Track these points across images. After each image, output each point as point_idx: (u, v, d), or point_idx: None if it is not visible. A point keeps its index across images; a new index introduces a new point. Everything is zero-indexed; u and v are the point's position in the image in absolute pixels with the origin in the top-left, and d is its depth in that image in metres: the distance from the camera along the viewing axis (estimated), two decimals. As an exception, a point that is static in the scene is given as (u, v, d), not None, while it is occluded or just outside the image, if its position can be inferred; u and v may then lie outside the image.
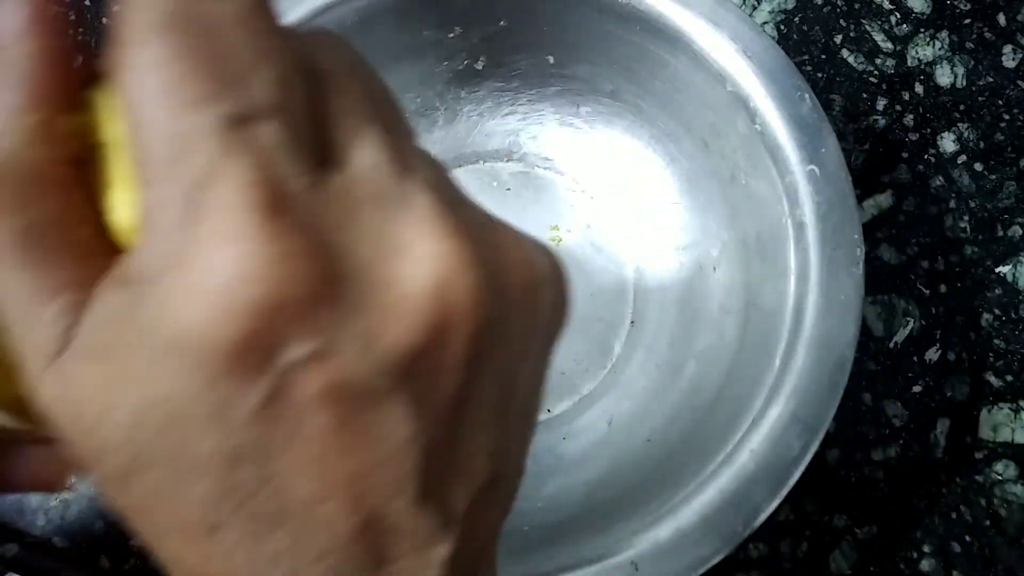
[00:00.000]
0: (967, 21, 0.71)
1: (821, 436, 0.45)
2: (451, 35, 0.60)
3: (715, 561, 0.43)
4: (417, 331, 0.19)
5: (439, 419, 0.20)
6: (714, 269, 0.58)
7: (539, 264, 0.23)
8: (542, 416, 0.59)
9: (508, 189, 0.65)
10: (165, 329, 0.18)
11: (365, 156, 0.20)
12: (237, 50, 0.18)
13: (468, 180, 0.65)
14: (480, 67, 0.62)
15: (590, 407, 0.59)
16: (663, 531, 0.44)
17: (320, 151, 0.20)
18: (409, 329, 0.19)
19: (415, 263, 0.19)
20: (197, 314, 0.17)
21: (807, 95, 0.52)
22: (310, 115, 0.20)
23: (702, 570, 0.43)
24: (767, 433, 0.45)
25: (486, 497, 0.23)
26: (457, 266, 0.19)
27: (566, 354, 0.60)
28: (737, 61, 0.53)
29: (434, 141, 0.65)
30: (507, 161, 0.66)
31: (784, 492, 0.44)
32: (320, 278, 0.18)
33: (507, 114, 0.65)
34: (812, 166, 0.50)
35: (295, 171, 0.18)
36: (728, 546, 0.43)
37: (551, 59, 0.61)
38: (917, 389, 0.61)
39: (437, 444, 0.20)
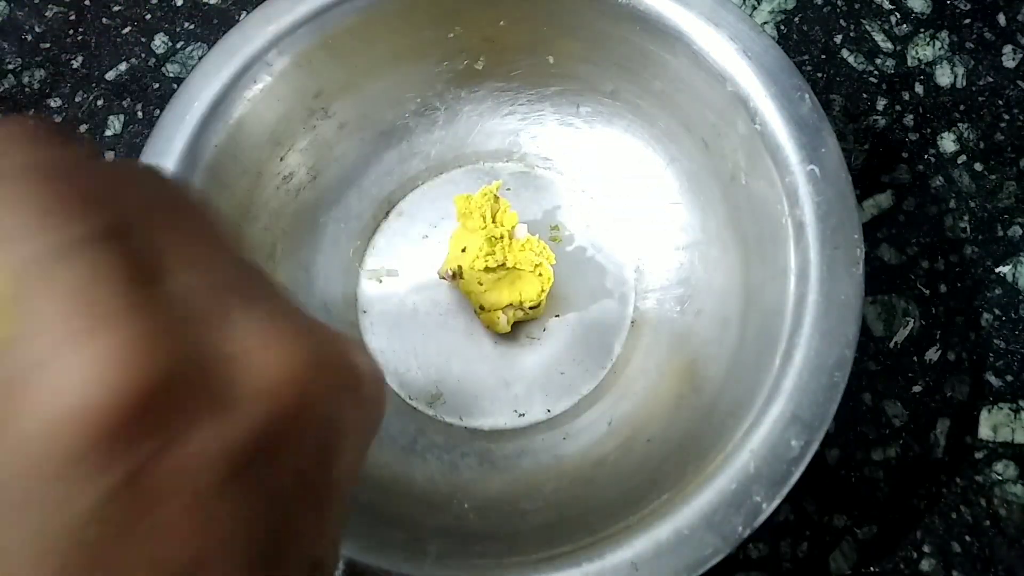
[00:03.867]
0: (967, 21, 0.71)
1: (821, 436, 0.45)
2: (451, 35, 0.60)
3: (715, 561, 0.43)
4: (256, 427, 0.20)
5: (277, 505, 0.21)
6: (714, 269, 0.58)
7: (361, 363, 0.25)
8: (543, 416, 0.59)
9: (508, 189, 0.65)
10: (18, 424, 0.18)
11: (188, 279, 0.21)
12: (84, 186, 0.20)
13: (468, 180, 0.66)
14: (480, 67, 0.62)
15: (590, 407, 0.59)
16: (663, 531, 0.44)
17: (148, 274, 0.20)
18: (249, 425, 0.20)
19: (252, 366, 0.20)
20: (43, 416, 0.18)
21: (807, 95, 0.52)
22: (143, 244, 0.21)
23: (702, 570, 0.43)
24: (767, 433, 0.45)
25: None
26: (292, 365, 0.21)
27: (566, 354, 0.61)
28: (737, 61, 0.53)
29: (434, 141, 0.65)
30: (507, 161, 0.66)
31: (784, 492, 0.44)
32: (173, 373, 0.19)
33: (507, 114, 0.66)
34: (812, 166, 0.50)
35: (127, 287, 0.19)
36: (728, 546, 0.43)
37: (551, 59, 0.61)
38: (917, 389, 0.61)
39: (275, 528, 0.21)
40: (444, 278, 0.60)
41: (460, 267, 0.58)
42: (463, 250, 0.58)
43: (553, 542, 0.46)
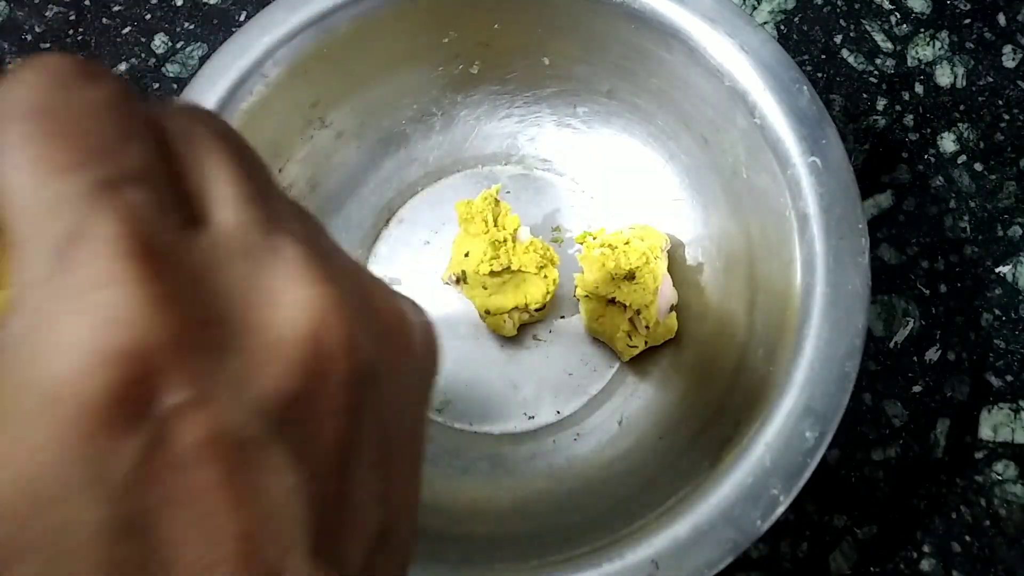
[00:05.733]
0: (967, 21, 0.71)
1: (835, 427, 0.45)
2: (446, 40, 0.60)
3: (735, 555, 0.43)
4: (292, 375, 0.19)
5: (324, 467, 0.20)
6: (718, 264, 0.58)
7: (408, 310, 0.23)
8: (553, 418, 0.59)
9: (508, 192, 0.65)
10: (34, 387, 0.16)
11: (231, 214, 0.20)
12: (103, 129, 0.19)
13: (467, 185, 0.66)
14: (476, 71, 0.62)
15: (600, 407, 0.59)
16: (682, 528, 0.43)
17: (190, 212, 0.20)
18: (284, 373, 0.19)
19: (287, 308, 0.19)
20: (66, 365, 0.16)
21: (805, 87, 0.52)
22: (178, 181, 0.20)
23: (722, 566, 0.42)
24: (781, 425, 0.45)
25: (380, 549, 0.22)
26: (329, 310, 0.20)
27: (573, 355, 0.61)
28: (734, 56, 0.53)
29: (431, 147, 0.65)
30: (506, 164, 0.66)
31: (801, 484, 0.44)
32: (192, 321, 0.18)
33: (504, 117, 0.66)
34: (813, 157, 0.50)
35: (163, 227, 0.18)
36: (747, 540, 0.43)
37: (546, 60, 0.61)
38: (917, 389, 0.61)
39: (324, 494, 0.20)
40: (448, 283, 0.60)
41: (464, 272, 0.58)
42: (466, 255, 0.58)
43: (572, 543, 0.45)
